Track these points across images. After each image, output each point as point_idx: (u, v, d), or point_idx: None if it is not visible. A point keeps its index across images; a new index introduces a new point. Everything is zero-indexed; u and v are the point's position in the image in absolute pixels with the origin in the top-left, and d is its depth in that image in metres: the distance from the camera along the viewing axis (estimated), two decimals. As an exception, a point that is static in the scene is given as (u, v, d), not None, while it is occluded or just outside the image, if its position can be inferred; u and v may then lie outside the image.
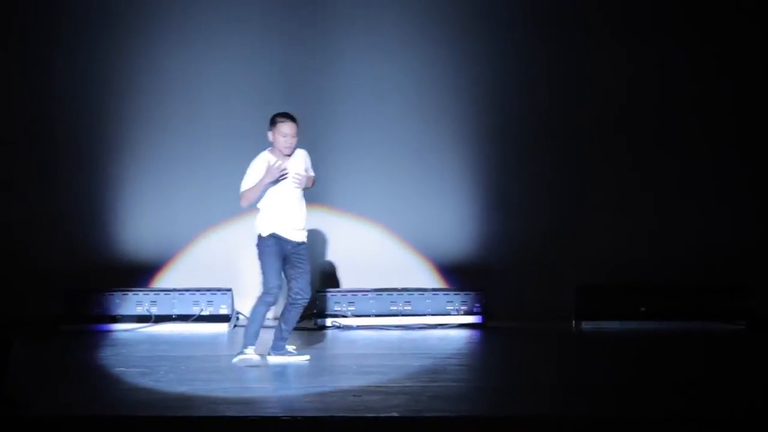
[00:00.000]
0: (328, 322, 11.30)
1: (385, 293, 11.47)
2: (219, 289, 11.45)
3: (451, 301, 11.44)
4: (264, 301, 8.94)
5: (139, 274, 11.88)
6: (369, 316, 11.37)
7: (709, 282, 11.61)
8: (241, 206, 8.93)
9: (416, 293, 11.48)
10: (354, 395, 7.71)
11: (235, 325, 11.44)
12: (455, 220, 12.10)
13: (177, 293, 11.42)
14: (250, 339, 8.94)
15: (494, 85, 12.07)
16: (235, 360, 8.93)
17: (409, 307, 11.41)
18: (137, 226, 11.98)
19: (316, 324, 11.31)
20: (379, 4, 12.07)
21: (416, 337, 10.78)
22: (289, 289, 9.07)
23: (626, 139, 12.07)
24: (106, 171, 11.97)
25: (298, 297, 8.99)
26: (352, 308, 11.38)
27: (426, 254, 12.06)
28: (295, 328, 9.37)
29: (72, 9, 11.90)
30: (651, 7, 12.07)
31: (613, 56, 12.06)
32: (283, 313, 9.15)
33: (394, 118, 12.04)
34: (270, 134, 8.82)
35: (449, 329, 11.21)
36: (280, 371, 8.86)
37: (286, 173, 8.76)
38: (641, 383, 8.28)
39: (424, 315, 11.39)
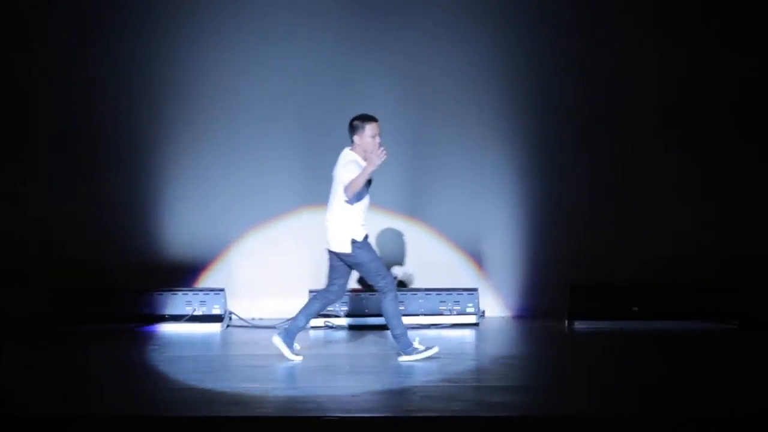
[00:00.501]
0: (321, 321, 11.28)
1: (377, 293, 11.46)
2: (212, 289, 11.44)
3: (444, 301, 11.44)
4: (393, 298, 9.14)
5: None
6: (362, 315, 11.37)
7: (702, 282, 11.60)
8: (347, 197, 8.87)
9: (409, 293, 11.47)
10: (352, 396, 7.70)
11: (228, 326, 11.41)
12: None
13: (170, 293, 11.41)
14: (407, 338, 9.16)
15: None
16: (409, 359, 9.07)
17: (403, 307, 11.40)
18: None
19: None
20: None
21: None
22: (332, 284, 9.25)
23: (633, 138, 12.01)
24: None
25: (336, 297, 9.36)
26: (345, 308, 11.37)
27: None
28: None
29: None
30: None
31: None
32: (312, 304, 9.32)
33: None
34: (357, 138, 8.96)
35: (442, 329, 11.21)
36: (274, 372, 8.85)
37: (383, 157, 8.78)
38: (637, 382, 8.28)
39: (417, 315, 11.39)
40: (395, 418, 6.98)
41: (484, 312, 11.66)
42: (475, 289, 11.46)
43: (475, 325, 11.31)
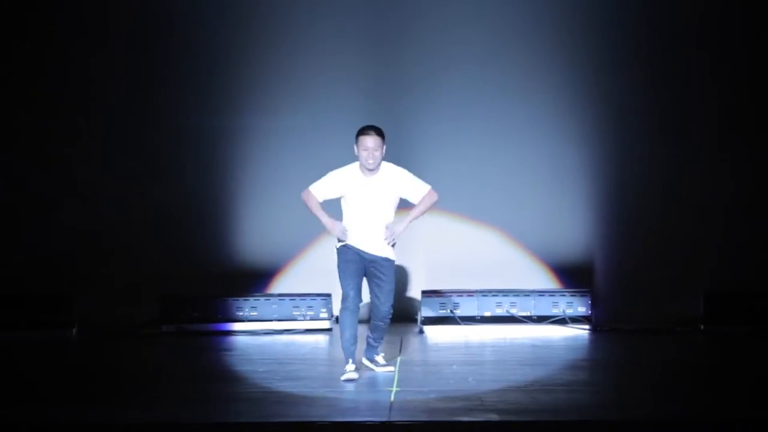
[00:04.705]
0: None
1: (229, 299, 11.45)
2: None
3: (297, 307, 11.42)
4: (341, 310, 8.49)
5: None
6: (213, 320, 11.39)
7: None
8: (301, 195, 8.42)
9: (262, 298, 11.46)
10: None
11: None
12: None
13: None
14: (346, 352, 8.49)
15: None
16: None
17: (255, 313, 11.39)
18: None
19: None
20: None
21: (263, 343, 10.70)
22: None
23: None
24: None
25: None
26: (196, 314, 11.35)
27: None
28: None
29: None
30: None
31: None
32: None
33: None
34: (355, 148, 8.31)
35: (295, 335, 11.19)
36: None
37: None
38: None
39: (271, 320, 11.38)
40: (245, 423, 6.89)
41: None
42: (328, 295, 11.42)
43: (328, 330, 11.29)
